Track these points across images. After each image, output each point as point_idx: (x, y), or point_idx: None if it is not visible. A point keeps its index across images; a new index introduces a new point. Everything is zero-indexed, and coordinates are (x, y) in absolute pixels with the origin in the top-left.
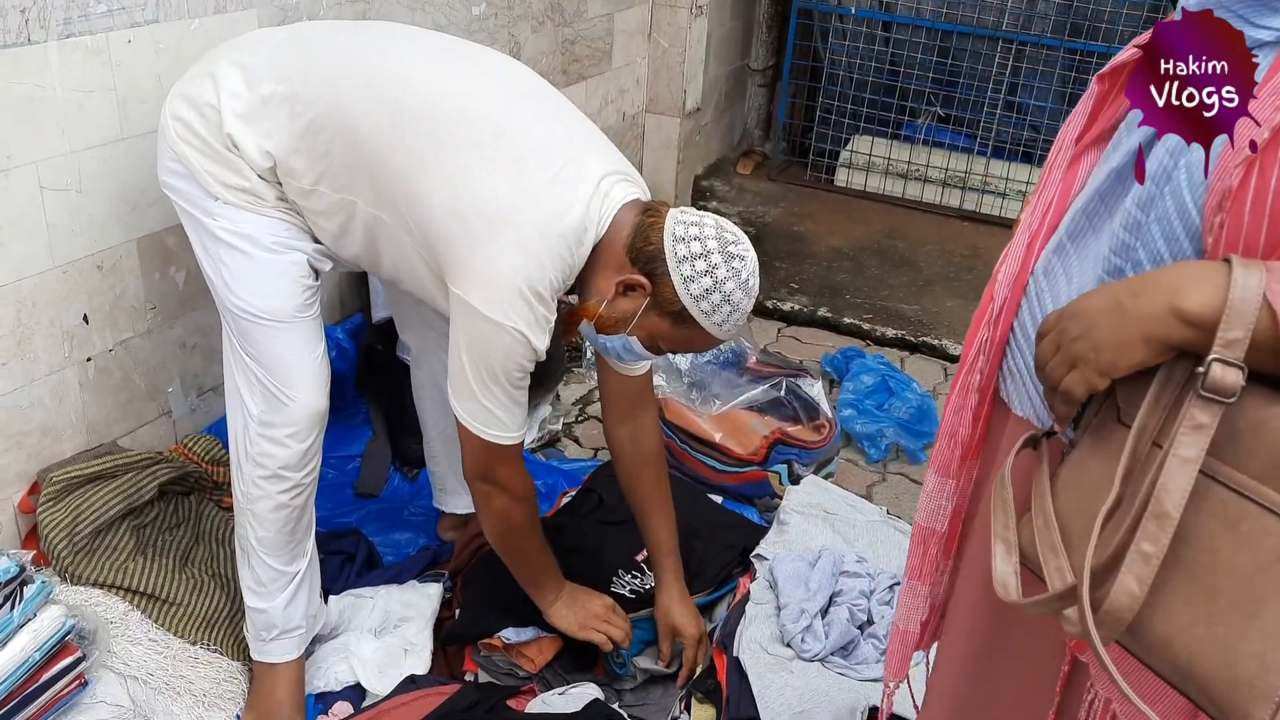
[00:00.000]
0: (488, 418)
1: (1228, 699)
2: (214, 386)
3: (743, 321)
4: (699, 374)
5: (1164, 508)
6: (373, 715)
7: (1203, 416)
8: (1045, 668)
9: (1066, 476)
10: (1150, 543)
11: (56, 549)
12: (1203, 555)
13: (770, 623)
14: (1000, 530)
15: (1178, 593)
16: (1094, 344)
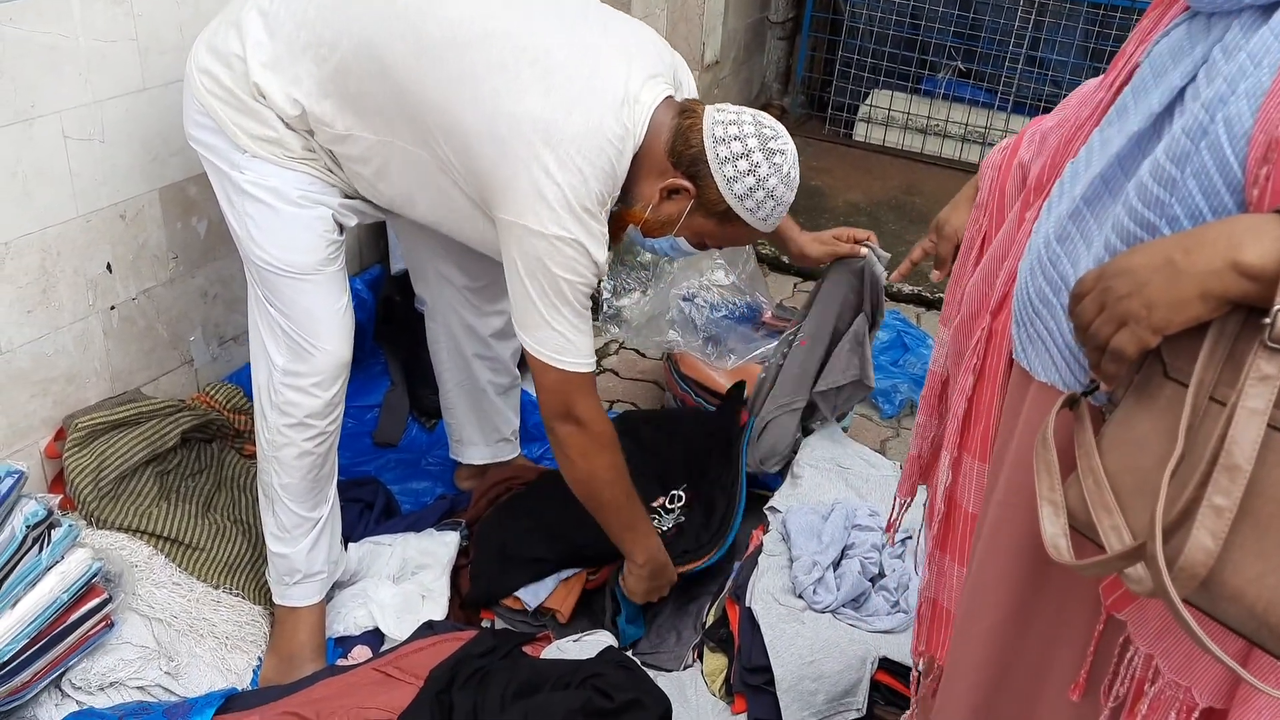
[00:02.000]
0: (560, 343)
1: None
2: (235, 336)
3: (784, 213)
4: (714, 329)
5: (1235, 460)
6: (391, 659)
7: (1269, 368)
8: (1076, 629)
9: (1113, 435)
10: (1223, 496)
11: (82, 494)
12: (1270, 505)
13: (782, 574)
14: (1046, 492)
15: (1247, 545)
16: (1146, 301)
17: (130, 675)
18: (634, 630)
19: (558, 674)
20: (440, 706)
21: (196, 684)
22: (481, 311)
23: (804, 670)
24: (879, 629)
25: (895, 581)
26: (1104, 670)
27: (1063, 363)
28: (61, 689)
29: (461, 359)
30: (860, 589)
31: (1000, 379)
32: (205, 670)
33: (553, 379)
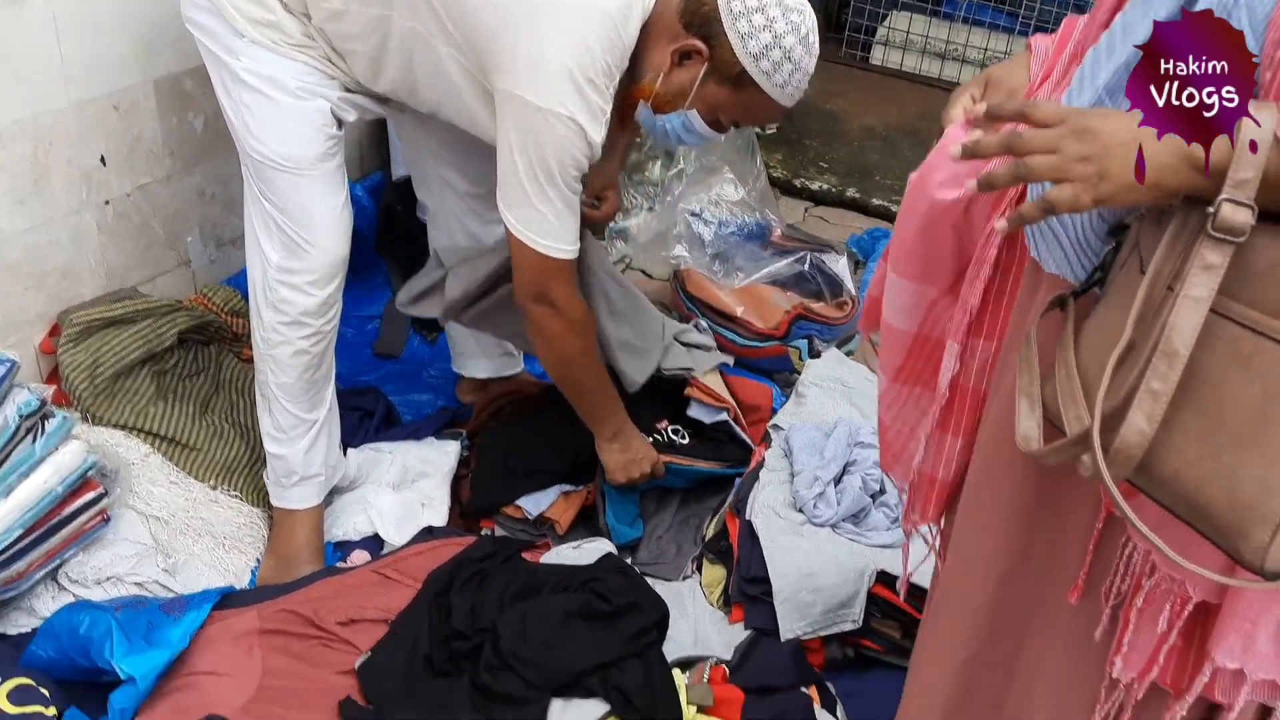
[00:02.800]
0: (542, 225)
1: (1230, 523)
2: (233, 239)
3: (804, 85)
4: (722, 245)
5: (1173, 346)
6: (390, 562)
7: (1213, 257)
8: (1079, 531)
9: (1089, 330)
10: (1159, 380)
11: (78, 390)
12: (1213, 391)
13: (783, 489)
14: (1025, 387)
15: (1188, 429)
16: (1100, 171)
17: (127, 571)
18: (626, 530)
19: (556, 578)
20: (438, 608)
21: (194, 582)
22: (485, 219)
23: (802, 582)
24: (878, 544)
25: (895, 498)
26: (1105, 571)
27: (1073, 254)
28: (59, 582)
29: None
30: (860, 504)
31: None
32: (202, 569)
33: (531, 260)
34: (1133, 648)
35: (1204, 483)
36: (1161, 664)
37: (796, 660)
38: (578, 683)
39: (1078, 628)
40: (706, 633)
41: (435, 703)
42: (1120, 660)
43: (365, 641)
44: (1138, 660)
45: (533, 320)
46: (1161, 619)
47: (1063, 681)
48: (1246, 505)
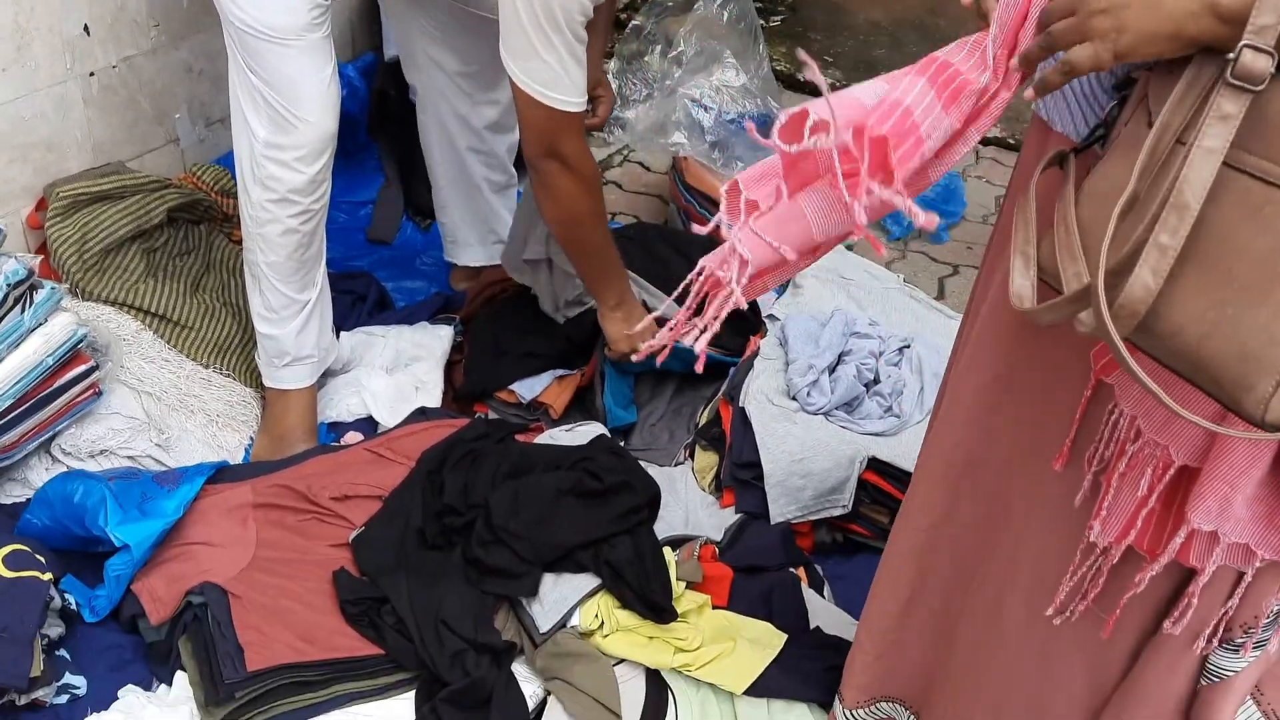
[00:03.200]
0: (549, 76)
1: (1234, 375)
2: (222, 118)
3: None
4: (722, 132)
5: (1184, 199)
6: (384, 441)
7: (1230, 106)
8: (1067, 393)
9: (1091, 185)
10: (1168, 234)
11: (66, 264)
12: (1220, 244)
13: (778, 377)
14: (1020, 245)
15: (1192, 282)
16: (1118, 24)
17: (120, 444)
18: (621, 413)
19: (549, 457)
20: (431, 485)
21: (187, 457)
22: (474, 100)
23: (793, 467)
24: (870, 431)
25: (890, 388)
26: (1089, 439)
27: (1079, 111)
28: (52, 454)
29: (454, 153)
30: (854, 393)
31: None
32: (196, 445)
33: (539, 115)
34: (1112, 512)
35: (1207, 336)
36: (1139, 528)
37: (785, 542)
38: (569, 557)
39: (1059, 495)
40: (697, 516)
41: (428, 574)
42: (1099, 524)
43: (359, 517)
44: (1115, 524)
45: (542, 178)
46: (1142, 483)
47: (1042, 547)
48: (1251, 357)
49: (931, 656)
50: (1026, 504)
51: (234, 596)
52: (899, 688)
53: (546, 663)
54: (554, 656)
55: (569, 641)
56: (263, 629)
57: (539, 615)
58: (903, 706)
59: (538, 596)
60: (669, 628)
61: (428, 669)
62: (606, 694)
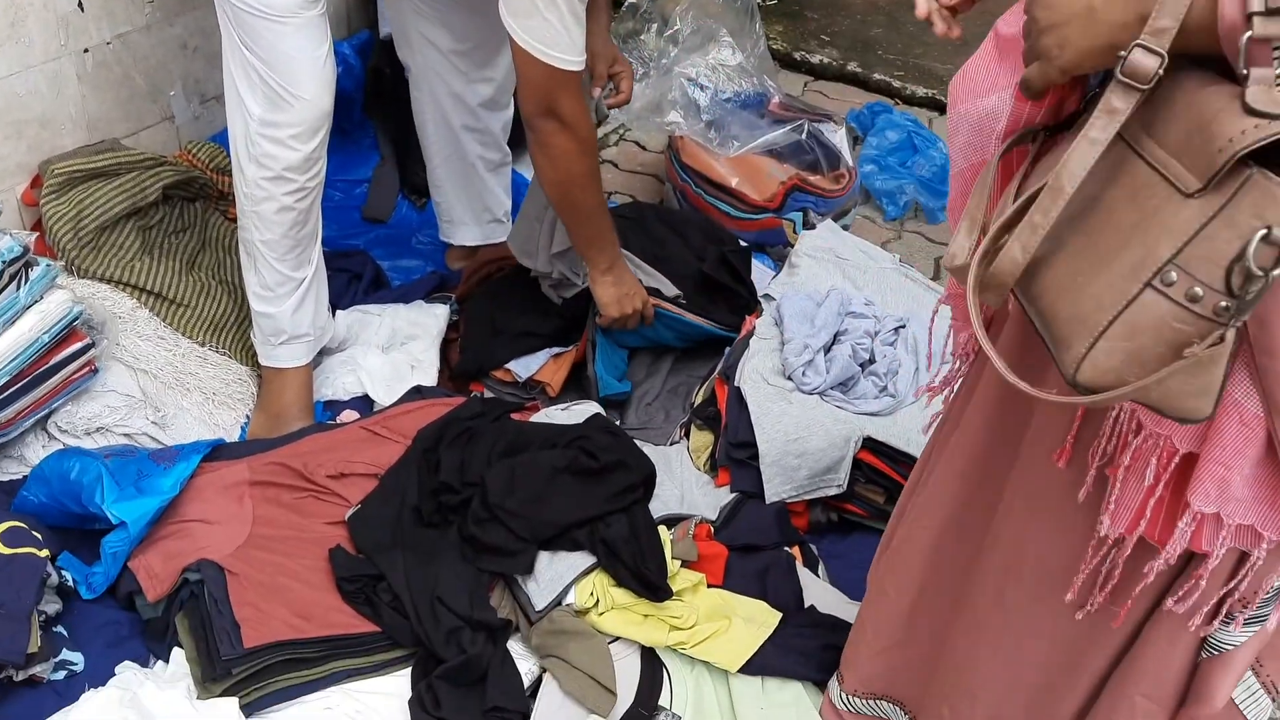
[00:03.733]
0: (549, 34)
1: (1061, 334)
2: (217, 95)
3: None
4: (717, 112)
5: (1060, 182)
6: (379, 420)
7: (1118, 102)
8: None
9: (1041, 163)
10: (1040, 214)
11: (62, 241)
12: (1102, 219)
13: (773, 356)
14: (971, 209)
15: (1072, 251)
16: (1060, 41)
17: (116, 422)
18: (614, 383)
19: (545, 436)
20: (427, 463)
21: (183, 435)
22: (469, 78)
23: (788, 446)
24: (864, 411)
25: (885, 367)
26: (1092, 434)
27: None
28: (48, 431)
29: (449, 131)
30: (850, 373)
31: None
32: (192, 423)
33: (539, 74)
34: (1120, 505)
35: (1058, 297)
36: (1149, 518)
37: (780, 521)
38: (564, 535)
39: (1062, 490)
40: (693, 495)
41: (424, 552)
42: (1108, 517)
43: (354, 495)
44: (1124, 516)
45: (539, 137)
46: (1148, 473)
47: (1047, 541)
48: (1079, 318)
49: (929, 654)
50: (1028, 499)
51: (231, 573)
52: (901, 689)
53: (542, 640)
54: (549, 634)
55: (564, 619)
56: (259, 606)
57: (534, 593)
58: (901, 710)
59: (533, 574)
60: (664, 606)
61: (424, 646)
62: (601, 671)
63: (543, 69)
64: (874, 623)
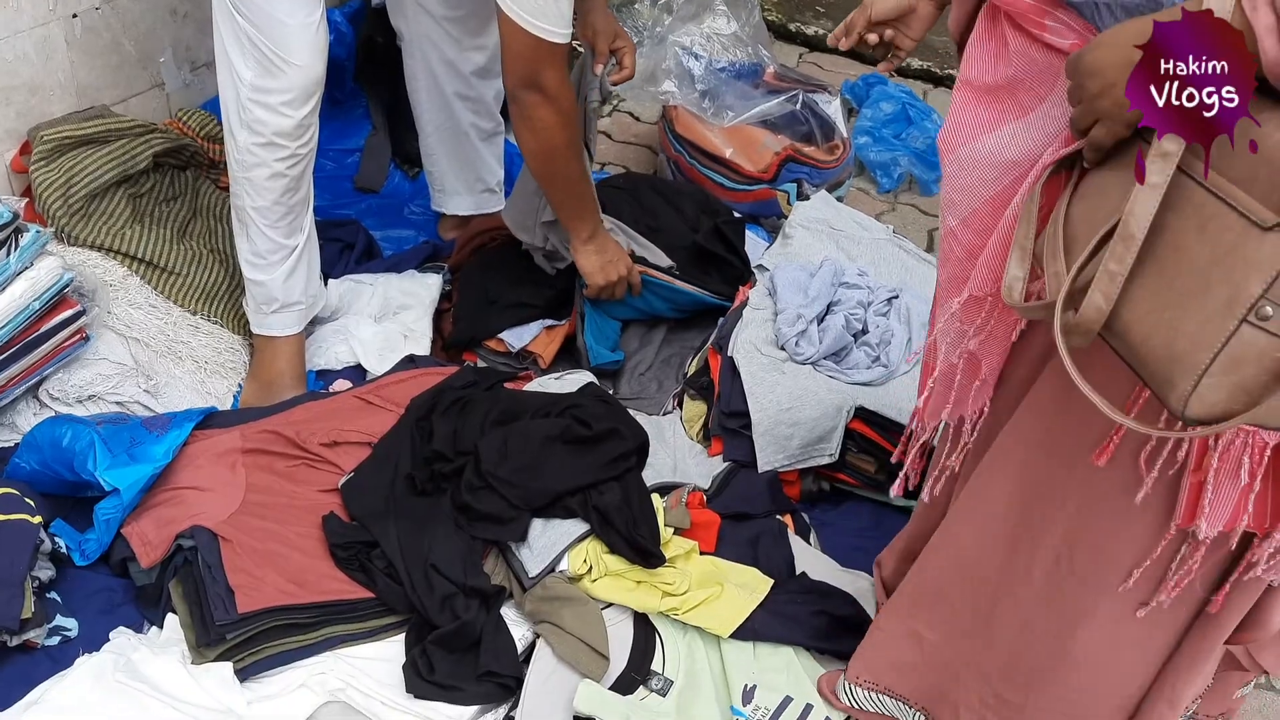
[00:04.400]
0: (536, 5)
1: (1162, 373)
2: (207, 62)
3: None
4: (712, 82)
5: (1130, 230)
6: (373, 388)
7: (1169, 145)
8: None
9: (1085, 185)
10: (1116, 262)
11: (51, 209)
12: (1172, 251)
13: (766, 326)
14: (1020, 239)
15: (1146, 283)
16: (1117, 101)
17: (108, 390)
18: (605, 353)
19: (537, 404)
20: (420, 431)
21: (175, 403)
22: (462, 45)
23: (781, 415)
24: (857, 381)
25: (878, 338)
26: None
27: None
28: (40, 399)
29: (441, 99)
30: (842, 343)
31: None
32: (184, 391)
33: (524, 44)
34: (1214, 507)
35: (1148, 335)
36: (1252, 511)
37: (772, 490)
38: (557, 503)
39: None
40: (685, 464)
41: (417, 520)
42: (1204, 521)
43: (348, 463)
44: (1220, 515)
45: (522, 108)
46: (1242, 472)
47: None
48: (1177, 357)
49: (953, 655)
50: (1080, 494)
51: (224, 540)
52: (908, 688)
53: (535, 606)
54: (543, 600)
55: (558, 586)
56: (253, 572)
57: (528, 560)
58: (907, 705)
59: (527, 542)
60: (656, 572)
61: (418, 612)
62: (595, 637)
63: (529, 40)
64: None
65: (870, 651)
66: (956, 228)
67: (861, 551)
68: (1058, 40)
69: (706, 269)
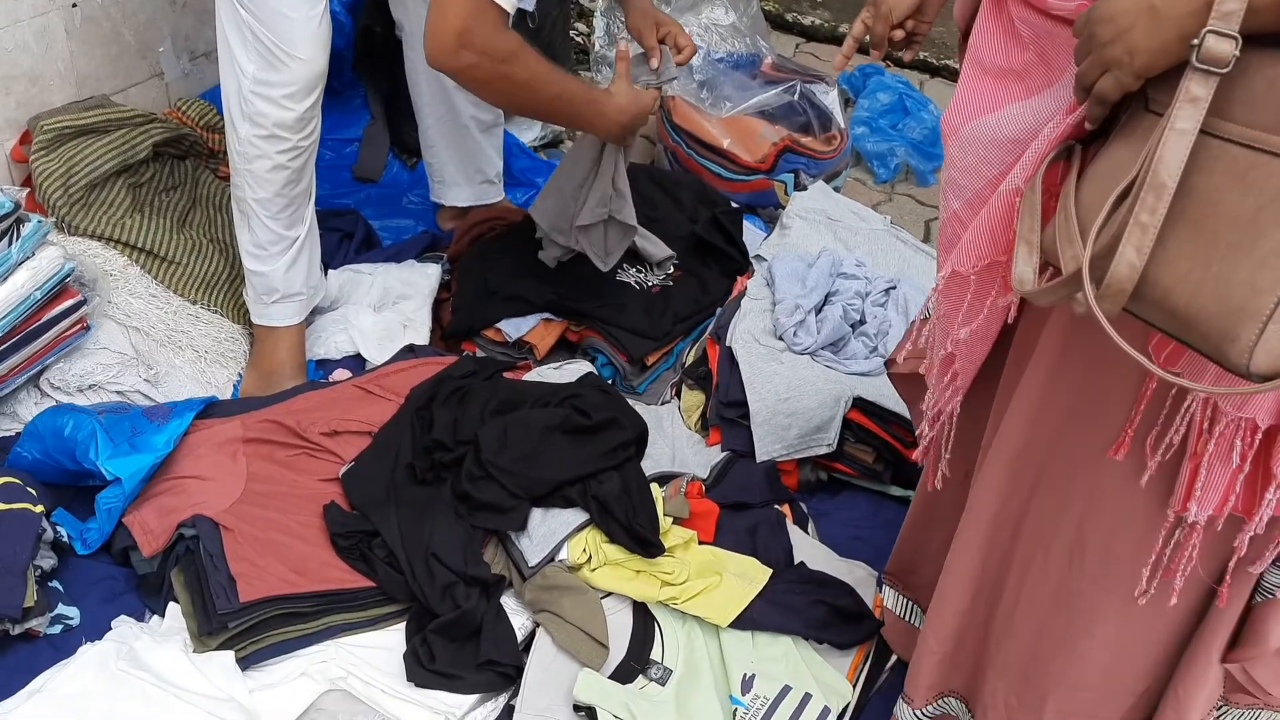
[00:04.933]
0: None
1: (1219, 328)
2: (207, 52)
3: None
4: (710, 73)
5: (1160, 179)
6: (372, 378)
7: (1198, 89)
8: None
9: (1093, 170)
10: (1147, 213)
11: (52, 198)
12: (1209, 209)
13: (765, 317)
14: (1025, 232)
15: (1182, 246)
16: (1129, 48)
17: (109, 379)
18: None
19: (537, 394)
20: (420, 420)
21: (176, 393)
22: None
23: (779, 405)
24: (855, 371)
25: (875, 328)
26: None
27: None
28: (41, 388)
29: (442, 91)
30: (840, 333)
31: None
32: (185, 381)
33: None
34: (1206, 490)
35: (1194, 294)
36: (1239, 493)
37: (770, 479)
38: (557, 492)
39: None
40: (684, 454)
41: (418, 509)
42: (1195, 504)
43: (348, 452)
44: (1211, 499)
45: (461, 74)
46: (1234, 454)
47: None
48: (1235, 309)
49: (982, 649)
50: (1087, 490)
51: (225, 529)
52: (960, 681)
53: (535, 595)
54: (543, 589)
55: (557, 575)
56: (255, 561)
57: (528, 549)
58: (958, 700)
59: (526, 531)
60: (655, 562)
61: (418, 601)
62: (594, 626)
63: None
64: (935, 630)
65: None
66: (960, 209)
67: (859, 541)
68: (1062, 4)
69: (705, 260)
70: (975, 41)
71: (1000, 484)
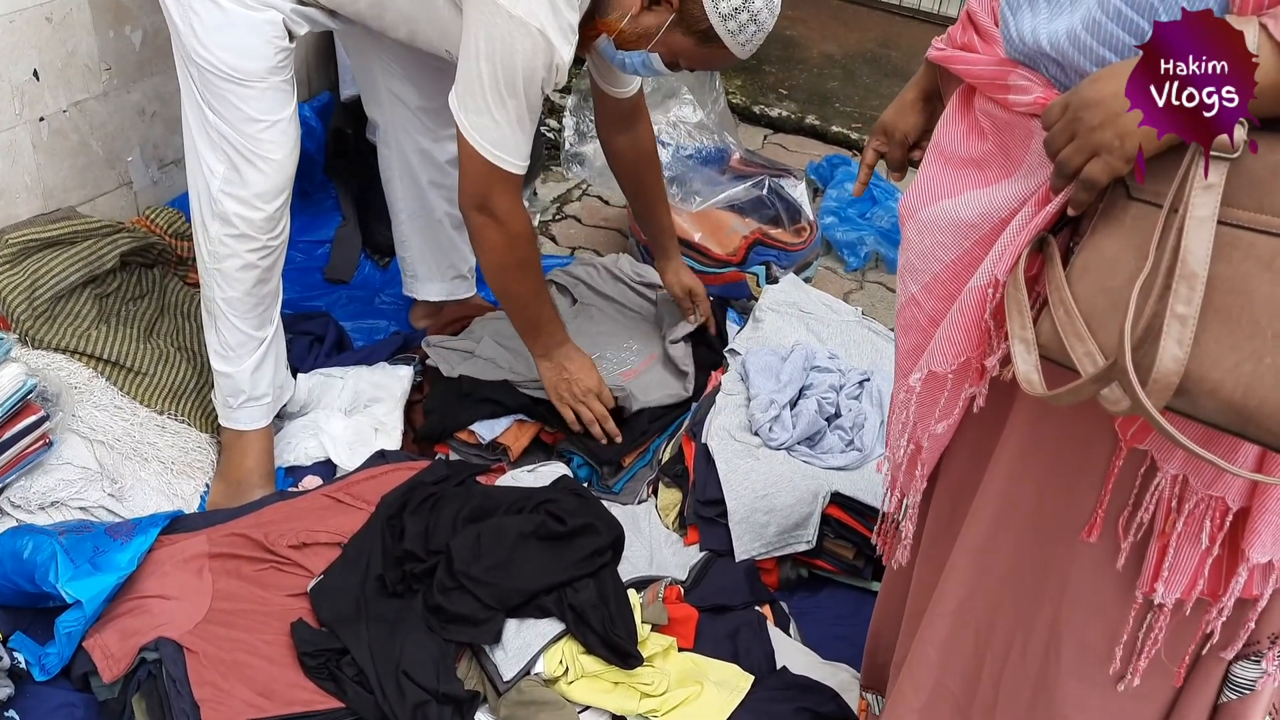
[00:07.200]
0: (497, 135)
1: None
2: (175, 160)
3: (762, 40)
4: (679, 169)
5: (1190, 269)
6: (342, 486)
7: (1213, 176)
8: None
9: (1082, 262)
10: (1183, 304)
11: (16, 312)
12: (1239, 299)
13: (740, 412)
14: (1018, 331)
15: (1220, 339)
16: (1119, 132)
17: (72, 495)
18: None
19: (511, 500)
20: (391, 530)
21: (141, 507)
22: (437, 135)
23: (756, 503)
24: (832, 466)
25: (850, 421)
26: (1117, 506)
27: None
28: (1, 507)
29: (416, 187)
30: (816, 427)
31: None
32: (150, 494)
33: (479, 167)
34: (1174, 571)
35: (1251, 386)
36: (1207, 577)
37: (750, 580)
38: (532, 602)
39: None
40: (662, 554)
41: (388, 623)
42: (1162, 585)
43: (317, 565)
44: (1179, 581)
45: (472, 228)
46: (1203, 536)
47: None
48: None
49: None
50: (1061, 577)
51: (190, 651)
52: None
53: (510, 711)
54: (518, 705)
55: (533, 689)
56: (219, 685)
57: (502, 663)
58: None
59: (501, 643)
60: (634, 673)
61: None
62: None
63: (485, 165)
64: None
65: None
66: (919, 294)
67: (843, 640)
68: (1021, 99)
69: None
70: (939, 132)
71: (967, 576)
